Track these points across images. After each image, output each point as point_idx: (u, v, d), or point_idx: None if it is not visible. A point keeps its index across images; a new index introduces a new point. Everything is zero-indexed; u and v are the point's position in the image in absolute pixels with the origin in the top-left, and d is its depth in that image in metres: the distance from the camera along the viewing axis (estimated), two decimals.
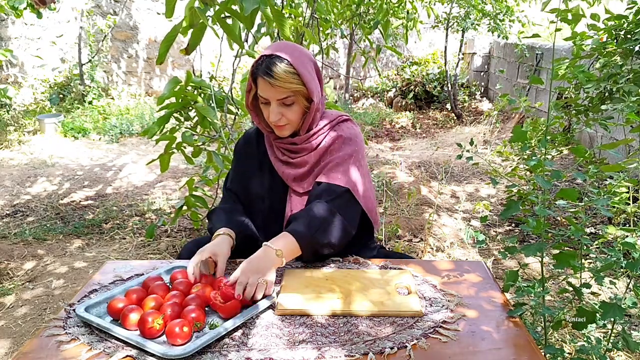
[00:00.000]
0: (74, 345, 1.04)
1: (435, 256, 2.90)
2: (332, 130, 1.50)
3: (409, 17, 4.01)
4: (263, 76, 1.35)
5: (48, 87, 6.92)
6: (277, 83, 1.34)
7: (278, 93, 1.37)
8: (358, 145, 1.49)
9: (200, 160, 4.33)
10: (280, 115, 1.40)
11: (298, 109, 1.41)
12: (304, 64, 1.38)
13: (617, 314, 1.21)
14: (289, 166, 1.50)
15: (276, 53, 1.37)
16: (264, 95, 1.39)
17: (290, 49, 1.39)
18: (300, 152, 1.49)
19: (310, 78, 1.39)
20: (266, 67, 1.35)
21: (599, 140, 4.39)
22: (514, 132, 1.33)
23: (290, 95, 1.38)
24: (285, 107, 1.40)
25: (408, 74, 7.83)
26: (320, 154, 1.48)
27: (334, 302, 1.19)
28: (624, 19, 2.36)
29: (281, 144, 1.50)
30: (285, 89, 1.36)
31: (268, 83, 1.35)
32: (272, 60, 1.35)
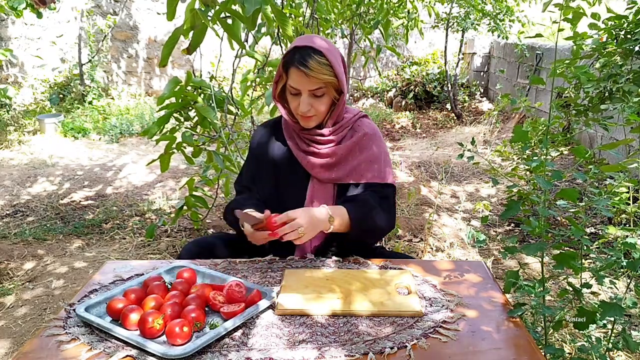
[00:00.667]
0: (74, 345, 1.04)
1: (435, 256, 2.90)
2: (356, 125, 1.56)
3: (410, 17, 4.01)
4: (298, 66, 1.39)
5: (48, 87, 6.92)
6: (312, 74, 1.38)
7: (311, 84, 1.41)
8: (383, 142, 1.60)
9: (200, 160, 4.33)
10: (310, 106, 1.44)
11: (327, 100, 1.46)
12: (336, 56, 1.43)
13: (617, 314, 1.21)
14: (315, 156, 1.53)
15: (309, 44, 1.40)
16: (296, 85, 1.42)
17: (322, 41, 1.43)
18: (327, 144, 1.53)
19: (341, 70, 1.43)
20: (301, 58, 1.39)
21: (598, 141, 4.38)
22: (514, 132, 1.33)
23: (322, 86, 1.42)
24: (315, 99, 1.44)
25: (408, 74, 7.83)
26: (349, 148, 1.53)
27: (334, 302, 1.19)
28: (624, 19, 2.36)
29: (307, 134, 1.53)
30: (319, 80, 1.40)
31: (303, 73, 1.39)
32: (306, 51, 1.39)
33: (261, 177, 1.61)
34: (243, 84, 2.53)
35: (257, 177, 1.62)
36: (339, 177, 1.54)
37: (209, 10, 1.82)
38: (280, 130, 1.62)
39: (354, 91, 8.27)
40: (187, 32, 1.83)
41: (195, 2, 1.80)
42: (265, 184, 1.60)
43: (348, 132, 1.56)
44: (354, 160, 1.54)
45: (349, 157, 1.54)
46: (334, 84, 1.44)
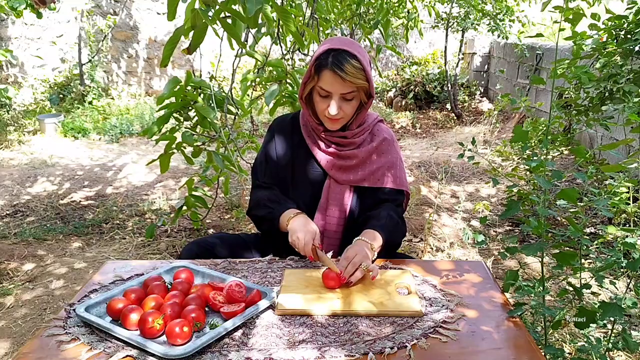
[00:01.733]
0: (74, 345, 1.04)
1: (435, 256, 2.90)
2: (374, 130, 1.60)
3: (410, 17, 4.00)
4: (335, 70, 1.39)
5: (48, 87, 6.92)
6: (348, 78, 1.39)
7: (345, 87, 1.42)
8: (399, 147, 1.64)
9: (200, 160, 4.33)
10: (339, 109, 1.45)
11: (355, 104, 1.48)
12: (367, 60, 1.45)
13: (616, 314, 1.21)
14: (336, 157, 1.55)
15: (344, 48, 1.41)
16: (328, 88, 1.43)
17: (354, 45, 1.45)
18: (348, 146, 1.55)
19: (371, 75, 1.44)
20: (337, 61, 1.39)
21: (599, 141, 4.38)
22: (514, 132, 1.33)
23: (354, 90, 1.44)
24: (344, 102, 1.45)
25: (408, 74, 7.83)
26: (370, 152, 1.56)
27: (334, 302, 1.19)
28: (624, 19, 2.36)
29: (330, 136, 1.55)
30: (354, 84, 1.41)
31: (339, 77, 1.39)
32: (342, 55, 1.40)
33: (277, 174, 1.61)
34: (243, 84, 2.53)
35: (279, 174, 1.61)
36: (357, 179, 1.55)
37: (209, 10, 1.82)
38: (298, 128, 1.62)
39: None
40: (188, 32, 1.83)
41: (195, 2, 1.80)
42: (281, 180, 1.61)
43: (368, 136, 1.58)
44: (372, 165, 1.56)
45: (368, 160, 1.56)
46: (364, 88, 1.45)
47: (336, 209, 1.55)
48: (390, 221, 1.48)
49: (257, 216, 1.59)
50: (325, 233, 1.57)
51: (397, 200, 1.57)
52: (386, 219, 1.48)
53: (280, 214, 1.49)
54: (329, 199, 1.55)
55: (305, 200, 1.57)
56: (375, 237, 1.41)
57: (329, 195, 1.56)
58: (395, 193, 1.57)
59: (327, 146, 1.56)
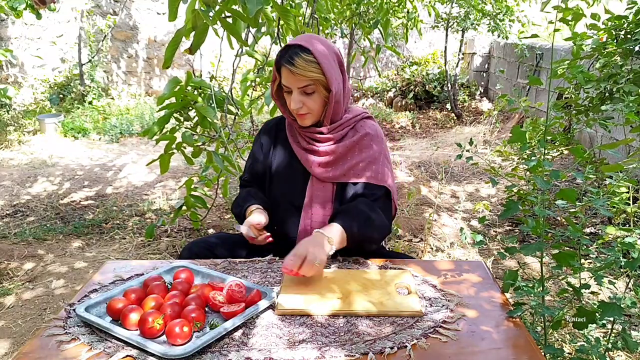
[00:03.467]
0: (74, 345, 1.05)
1: (435, 256, 2.90)
2: (358, 125, 1.56)
3: (410, 17, 4.01)
4: (285, 64, 1.41)
5: (48, 87, 6.92)
6: (298, 71, 1.40)
7: (298, 81, 1.42)
8: (384, 143, 1.59)
9: (200, 160, 4.33)
10: (301, 103, 1.45)
11: (318, 98, 1.46)
12: (326, 54, 1.43)
13: (616, 314, 1.21)
14: (314, 154, 1.54)
15: (299, 43, 1.42)
16: (286, 83, 1.45)
17: (313, 40, 1.45)
18: (326, 142, 1.53)
19: (330, 68, 1.43)
20: (288, 56, 1.41)
21: (599, 140, 4.39)
22: (512, 133, 1.33)
23: (310, 83, 1.43)
24: (306, 96, 1.45)
25: (408, 74, 7.83)
26: (349, 147, 1.53)
27: (334, 302, 1.19)
28: (624, 19, 2.36)
29: (307, 132, 1.54)
30: (306, 77, 1.41)
31: (289, 71, 1.41)
32: (295, 50, 1.41)
33: (263, 173, 1.63)
34: (243, 84, 2.53)
35: (260, 173, 1.64)
36: (337, 175, 1.54)
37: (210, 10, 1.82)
38: (284, 128, 1.63)
39: (354, 91, 8.27)
40: (189, 33, 1.84)
41: (196, 2, 1.80)
42: (266, 180, 1.63)
43: (349, 132, 1.56)
44: (352, 160, 1.54)
45: (348, 156, 1.54)
46: (322, 82, 1.44)
47: (320, 208, 1.54)
48: (359, 215, 1.43)
49: (234, 213, 1.62)
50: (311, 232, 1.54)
51: (373, 195, 1.51)
52: (353, 212, 1.43)
53: (245, 211, 1.52)
54: (313, 197, 1.54)
55: (291, 200, 1.57)
56: (335, 231, 1.37)
57: (313, 194, 1.54)
58: (373, 188, 1.52)
59: (307, 143, 1.55)
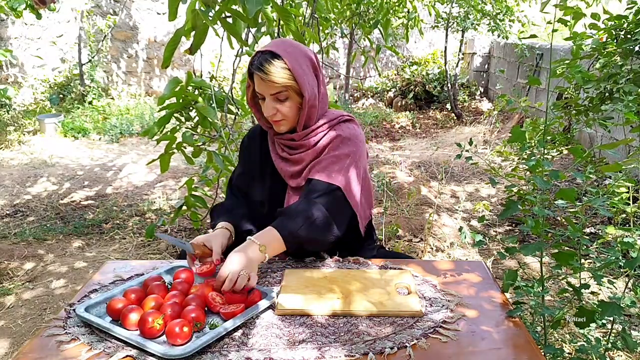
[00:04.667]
0: (74, 345, 1.05)
1: (435, 256, 2.90)
2: (332, 130, 1.49)
3: (410, 17, 4.01)
4: (256, 71, 1.38)
5: (48, 87, 6.92)
6: (269, 78, 1.36)
7: (270, 88, 1.38)
8: (357, 146, 1.47)
9: (200, 160, 4.33)
10: (275, 110, 1.41)
11: (292, 104, 1.42)
12: (297, 59, 1.39)
13: (616, 313, 1.21)
14: (287, 162, 1.50)
15: (270, 49, 1.38)
16: (258, 90, 1.42)
17: (285, 45, 1.41)
18: (299, 149, 1.48)
19: (303, 74, 1.39)
20: (259, 63, 1.37)
21: (599, 140, 4.39)
22: (512, 133, 1.34)
23: (282, 90, 1.39)
24: (279, 103, 1.41)
25: (408, 74, 7.83)
26: (317, 152, 1.47)
27: (334, 302, 1.19)
28: (624, 19, 2.36)
29: (281, 139, 1.51)
30: (277, 84, 1.37)
31: (260, 78, 1.38)
32: (265, 56, 1.38)
33: (247, 183, 1.59)
34: (243, 84, 2.53)
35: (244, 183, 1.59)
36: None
37: (209, 10, 1.82)
38: (266, 136, 1.59)
39: (354, 91, 8.27)
40: (189, 33, 1.84)
41: (195, 2, 1.80)
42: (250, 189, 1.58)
43: (323, 137, 1.47)
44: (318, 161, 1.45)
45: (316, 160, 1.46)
46: (294, 88, 1.39)
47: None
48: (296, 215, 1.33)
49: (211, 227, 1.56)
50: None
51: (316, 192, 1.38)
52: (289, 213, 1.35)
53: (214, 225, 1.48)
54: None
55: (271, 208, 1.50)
56: (270, 236, 1.30)
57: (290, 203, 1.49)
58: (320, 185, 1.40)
59: (281, 151, 1.51)
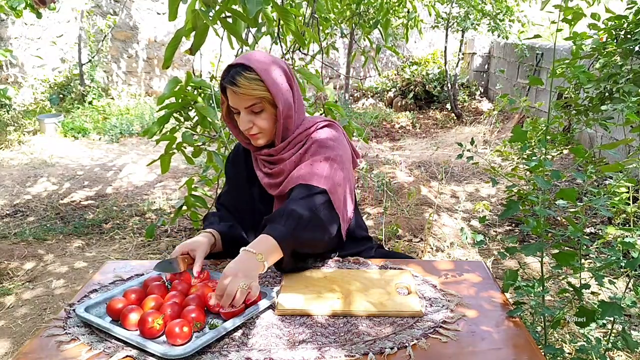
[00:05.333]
0: (74, 345, 1.05)
1: (435, 256, 2.90)
2: (309, 137, 1.45)
3: (410, 17, 4.01)
4: (228, 85, 1.35)
5: (48, 87, 6.92)
6: (241, 90, 1.33)
7: (243, 101, 1.35)
8: (337, 150, 1.42)
9: (200, 160, 4.33)
10: (251, 123, 1.38)
11: (268, 116, 1.39)
12: (269, 70, 1.36)
13: (616, 313, 1.21)
14: (269, 177, 1.48)
15: (240, 62, 1.36)
16: (232, 104, 1.38)
17: (256, 57, 1.37)
18: (278, 163, 1.45)
19: (274, 83, 1.35)
20: (230, 77, 1.34)
21: (599, 140, 4.39)
22: (513, 133, 1.34)
23: (256, 102, 1.36)
24: (254, 115, 1.38)
25: (408, 74, 7.83)
26: (296, 163, 1.43)
27: (334, 302, 1.19)
28: (624, 19, 2.36)
29: (260, 155, 1.48)
30: (250, 96, 1.34)
31: (233, 92, 1.35)
32: (236, 69, 1.35)
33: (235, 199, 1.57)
34: None
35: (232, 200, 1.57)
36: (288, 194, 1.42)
37: (210, 10, 1.82)
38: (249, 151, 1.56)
39: (354, 91, 8.27)
40: (189, 33, 1.84)
41: (195, 2, 1.80)
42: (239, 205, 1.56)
43: (301, 147, 1.44)
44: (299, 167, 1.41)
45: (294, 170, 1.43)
46: (268, 99, 1.36)
47: None
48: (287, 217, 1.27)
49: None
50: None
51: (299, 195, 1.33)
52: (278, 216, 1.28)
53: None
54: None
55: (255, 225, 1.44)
56: (264, 244, 1.21)
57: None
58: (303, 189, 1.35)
59: (263, 166, 1.49)
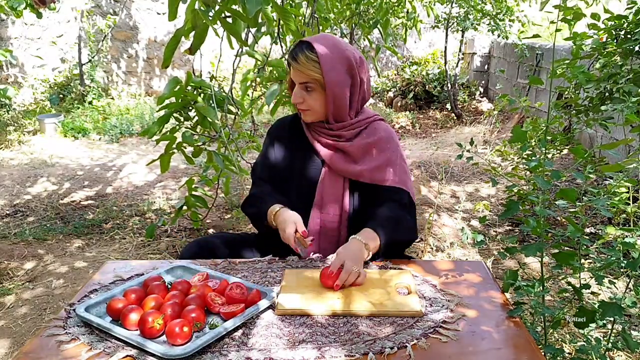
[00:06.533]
0: (74, 345, 1.05)
1: (435, 256, 2.90)
2: (371, 127, 1.58)
3: (409, 17, 4.01)
4: (290, 59, 1.47)
5: (48, 87, 6.92)
6: (299, 67, 1.45)
7: (299, 76, 1.47)
8: (399, 145, 1.61)
9: (200, 160, 4.33)
10: (302, 99, 1.49)
11: (318, 97, 1.49)
12: (332, 57, 1.44)
13: (616, 313, 1.21)
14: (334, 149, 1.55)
15: (309, 40, 1.46)
16: (292, 77, 1.50)
17: (325, 40, 1.47)
18: (341, 138, 1.55)
19: (331, 70, 1.44)
20: (294, 52, 1.46)
21: (599, 140, 4.39)
22: (513, 133, 1.33)
23: (309, 81, 1.46)
24: (306, 92, 1.48)
25: (408, 74, 7.83)
26: (365, 148, 1.54)
27: (334, 302, 1.19)
28: (624, 19, 2.35)
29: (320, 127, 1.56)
30: (305, 75, 1.45)
31: (292, 66, 1.46)
32: (301, 46, 1.46)
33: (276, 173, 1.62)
34: (243, 84, 2.53)
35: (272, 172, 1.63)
36: (355, 173, 1.54)
37: (209, 10, 1.82)
38: (298, 127, 1.63)
39: None
40: (189, 33, 1.84)
41: (195, 2, 1.80)
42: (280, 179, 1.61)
43: (363, 132, 1.57)
44: (371, 162, 1.54)
45: (366, 157, 1.55)
46: (321, 82, 1.46)
47: (333, 206, 1.55)
48: (390, 220, 1.46)
49: (247, 213, 1.62)
50: (322, 231, 1.56)
51: (399, 199, 1.53)
52: (385, 218, 1.46)
53: (266, 210, 1.51)
54: (324, 194, 1.55)
55: (305, 199, 1.57)
56: (371, 237, 1.38)
57: (324, 191, 1.55)
58: (396, 191, 1.54)
59: (326, 138, 1.57)
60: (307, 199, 1.57)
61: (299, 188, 1.58)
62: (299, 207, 1.52)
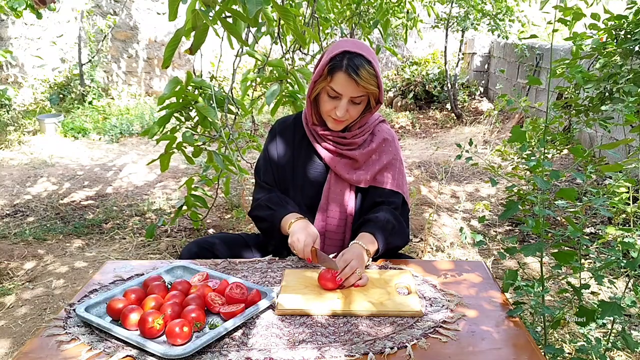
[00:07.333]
0: (74, 345, 1.05)
1: (435, 256, 2.90)
2: (375, 130, 1.60)
3: (409, 17, 4.01)
4: (350, 73, 1.39)
5: (48, 87, 6.92)
6: (362, 83, 1.40)
7: (357, 91, 1.43)
8: (399, 147, 1.64)
9: (200, 160, 4.33)
10: (347, 112, 1.46)
11: (361, 108, 1.49)
12: (379, 67, 1.45)
13: (616, 313, 1.21)
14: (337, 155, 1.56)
15: (360, 52, 1.42)
16: (340, 90, 1.43)
17: (369, 51, 1.46)
18: (348, 145, 1.55)
19: (381, 82, 1.46)
20: (353, 65, 1.40)
21: (599, 140, 4.39)
22: (512, 133, 1.34)
23: (364, 95, 1.45)
24: (352, 105, 1.46)
25: (408, 74, 7.83)
26: (369, 154, 1.56)
27: (334, 302, 1.19)
28: (624, 18, 2.35)
29: (329, 135, 1.55)
30: (366, 90, 1.43)
31: (353, 81, 1.40)
32: (359, 60, 1.40)
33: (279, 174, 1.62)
34: (243, 84, 2.53)
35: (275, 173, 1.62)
36: (358, 180, 1.55)
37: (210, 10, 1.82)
38: (300, 127, 1.63)
39: None
40: (189, 33, 1.84)
41: (195, 2, 1.80)
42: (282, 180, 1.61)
43: (368, 137, 1.58)
44: (373, 166, 1.56)
45: (368, 162, 1.57)
46: (375, 94, 1.46)
47: (337, 209, 1.55)
48: (387, 225, 1.47)
49: (258, 217, 1.59)
50: (326, 234, 1.56)
51: (393, 203, 1.55)
52: (383, 222, 1.47)
53: (281, 217, 1.49)
54: (329, 199, 1.56)
55: (306, 201, 1.57)
56: (371, 241, 1.41)
57: (329, 195, 1.56)
58: (392, 195, 1.56)
59: (330, 144, 1.57)
60: (309, 201, 1.57)
61: (302, 189, 1.59)
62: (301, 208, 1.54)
